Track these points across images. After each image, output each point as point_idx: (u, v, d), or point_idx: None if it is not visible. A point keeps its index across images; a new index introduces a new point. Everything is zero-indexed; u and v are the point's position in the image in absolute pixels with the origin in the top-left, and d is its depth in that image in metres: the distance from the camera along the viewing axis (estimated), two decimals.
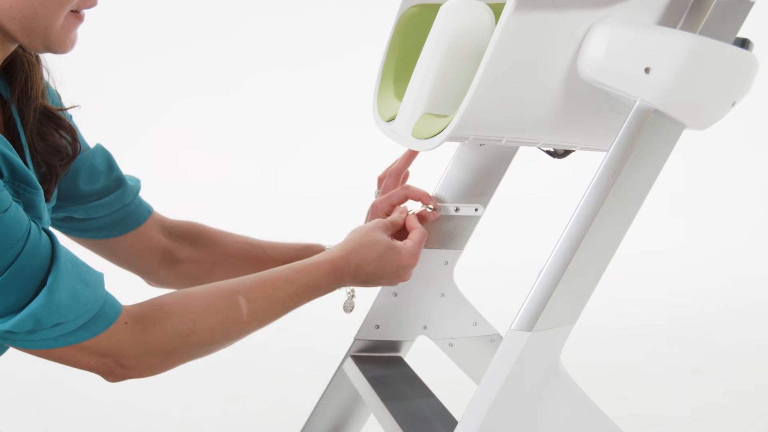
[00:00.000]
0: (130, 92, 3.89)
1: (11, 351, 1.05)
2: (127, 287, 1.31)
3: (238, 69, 4.13)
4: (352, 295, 1.22)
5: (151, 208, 1.24)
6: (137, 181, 1.22)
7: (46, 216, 0.97)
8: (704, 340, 2.61)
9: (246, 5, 4.15)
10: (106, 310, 0.93)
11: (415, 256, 1.15)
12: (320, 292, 1.09)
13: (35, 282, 0.88)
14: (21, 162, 0.91)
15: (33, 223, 0.89)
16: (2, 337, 0.91)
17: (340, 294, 1.20)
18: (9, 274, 0.86)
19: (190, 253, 1.26)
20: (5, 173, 0.89)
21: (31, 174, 0.93)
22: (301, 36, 4.20)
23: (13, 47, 0.96)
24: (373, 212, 1.26)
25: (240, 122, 4.08)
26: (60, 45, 0.95)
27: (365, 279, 1.12)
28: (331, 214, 2.85)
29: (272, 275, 1.06)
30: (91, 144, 1.16)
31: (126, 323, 0.95)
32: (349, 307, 1.23)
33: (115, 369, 0.96)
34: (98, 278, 0.94)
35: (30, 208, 0.93)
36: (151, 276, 1.26)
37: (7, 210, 0.85)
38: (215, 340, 1.00)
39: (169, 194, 2.08)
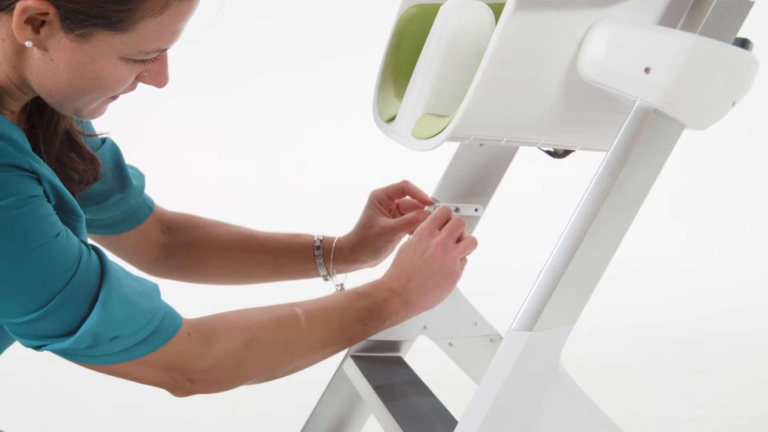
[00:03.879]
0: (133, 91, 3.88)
1: (11, 351, 1.05)
2: None
3: (238, 68, 4.14)
4: (341, 289, 1.23)
5: (153, 204, 1.24)
6: (141, 179, 1.22)
7: (85, 240, 0.98)
8: (704, 341, 2.61)
9: (245, 4, 4.15)
10: (166, 322, 0.94)
11: (420, 228, 1.12)
12: (376, 301, 1.07)
13: (89, 299, 0.88)
14: (67, 191, 0.92)
15: (83, 245, 0.90)
16: (63, 354, 0.91)
17: (332, 289, 1.21)
18: (64, 296, 0.86)
19: (184, 246, 1.27)
20: (53, 200, 0.90)
21: (75, 202, 0.94)
22: (301, 36, 4.20)
23: None
24: (371, 200, 1.27)
25: (241, 120, 4.09)
26: (89, 117, 0.97)
27: (410, 273, 1.09)
28: (331, 211, 2.85)
29: (326, 296, 1.08)
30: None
31: (189, 334, 0.95)
32: None
33: (182, 383, 0.95)
34: (151, 288, 0.95)
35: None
36: (147, 267, 1.27)
37: (59, 234, 0.86)
38: (278, 349, 1.00)
39: (170, 190, 2.07)
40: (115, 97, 0.96)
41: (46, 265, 0.85)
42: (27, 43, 0.86)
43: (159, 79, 0.95)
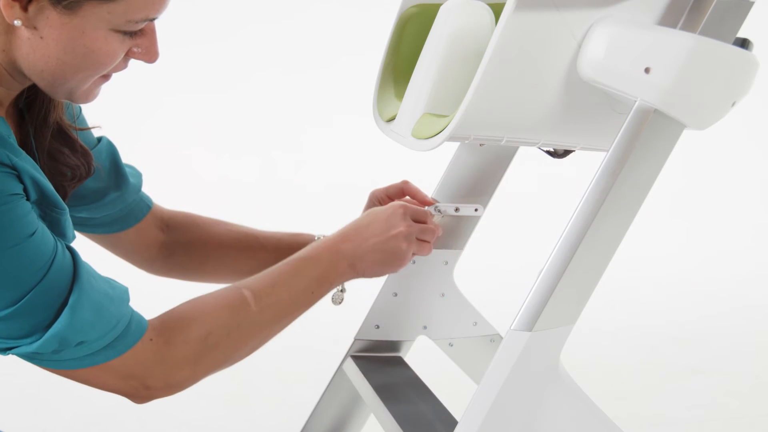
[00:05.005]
0: (133, 90, 3.89)
1: None
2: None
3: (238, 69, 4.14)
4: (341, 289, 1.23)
5: (151, 202, 1.24)
6: (139, 177, 1.22)
7: (70, 232, 0.97)
8: (704, 340, 2.61)
9: (244, 8, 4.15)
10: (133, 327, 0.93)
11: (397, 204, 1.13)
12: (323, 267, 1.07)
13: (59, 301, 0.88)
14: (49, 184, 0.92)
15: (58, 243, 0.89)
16: (29, 358, 0.90)
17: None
18: (34, 296, 0.86)
19: (183, 244, 1.27)
20: (34, 195, 0.89)
21: (58, 195, 0.93)
22: (301, 37, 4.20)
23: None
24: (370, 200, 1.27)
25: (241, 120, 4.09)
26: (83, 100, 0.96)
27: (365, 240, 1.10)
28: (331, 211, 2.85)
29: (273, 266, 1.07)
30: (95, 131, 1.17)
31: (151, 339, 0.94)
32: (337, 300, 1.23)
33: (140, 391, 0.95)
34: (122, 292, 0.95)
35: (55, 226, 0.93)
36: (146, 266, 1.27)
37: (33, 234, 0.86)
38: (232, 339, 1.00)
39: (169, 190, 2.07)
40: (107, 78, 0.95)
41: (19, 263, 0.85)
42: (16, 22, 0.86)
43: (149, 54, 0.94)
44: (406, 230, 1.12)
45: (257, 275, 1.06)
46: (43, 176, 0.91)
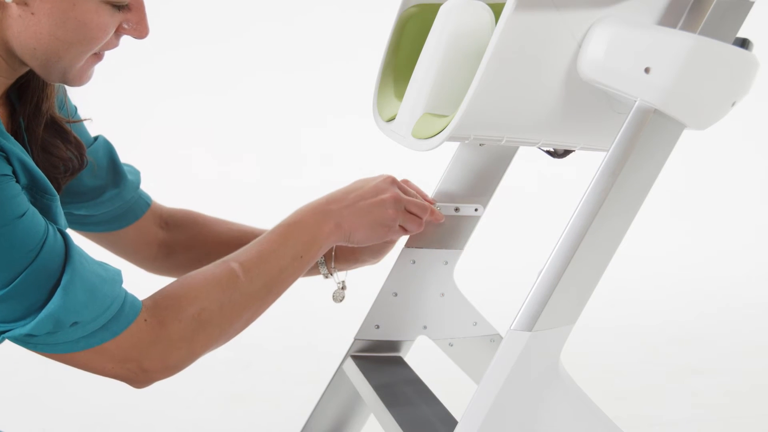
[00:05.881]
0: (133, 91, 3.89)
1: (11, 351, 1.05)
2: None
3: (239, 69, 4.14)
4: (342, 287, 1.23)
5: (150, 199, 1.24)
6: (137, 175, 1.22)
7: (62, 220, 0.97)
8: (704, 341, 2.61)
9: (243, 8, 4.15)
10: (126, 309, 0.93)
11: (387, 174, 1.15)
12: (310, 229, 1.08)
13: (51, 282, 0.88)
14: (39, 170, 0.92)
15: (49, 225, 0.89)
16: (24, 342, 0.90)
17: (333, 287, 1.22)
18: (26, 277, 0.86)
19: (184, 242, 1.27)
20: (24, 179, 0.90)
21: (48, 181, 0.93)
22: (301, 37, 4.20)
23: (29, 68, 0.97)
24: None
25: (241, 120, 4.09)
26: (77, 81, 0.96)
27: (353, 202, 1.12)
28: None
29: (260, 236, 1.09)
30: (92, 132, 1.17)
31: (146, 320, 0.95)
32: (338, 298, 1.24)
33: (138, 374, 0.95)
34: (114, 274, 0.95)
35: (46, 213, 0.93)
36: (147, 265, 1.27)
37: (23, 215, 0.86)
38: (225, 313, 1.00)
39: (169, 190, 2.08)
40: (99, 57, 0.96)
41: (10, 243, 0.85)
42: None
43: (139, 29, 0.95)
44: (394, 197, 1.14)
45: (245, 247, 1.06)
46: (32, 161, 0.91)
